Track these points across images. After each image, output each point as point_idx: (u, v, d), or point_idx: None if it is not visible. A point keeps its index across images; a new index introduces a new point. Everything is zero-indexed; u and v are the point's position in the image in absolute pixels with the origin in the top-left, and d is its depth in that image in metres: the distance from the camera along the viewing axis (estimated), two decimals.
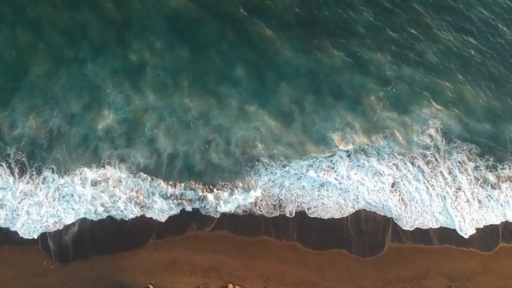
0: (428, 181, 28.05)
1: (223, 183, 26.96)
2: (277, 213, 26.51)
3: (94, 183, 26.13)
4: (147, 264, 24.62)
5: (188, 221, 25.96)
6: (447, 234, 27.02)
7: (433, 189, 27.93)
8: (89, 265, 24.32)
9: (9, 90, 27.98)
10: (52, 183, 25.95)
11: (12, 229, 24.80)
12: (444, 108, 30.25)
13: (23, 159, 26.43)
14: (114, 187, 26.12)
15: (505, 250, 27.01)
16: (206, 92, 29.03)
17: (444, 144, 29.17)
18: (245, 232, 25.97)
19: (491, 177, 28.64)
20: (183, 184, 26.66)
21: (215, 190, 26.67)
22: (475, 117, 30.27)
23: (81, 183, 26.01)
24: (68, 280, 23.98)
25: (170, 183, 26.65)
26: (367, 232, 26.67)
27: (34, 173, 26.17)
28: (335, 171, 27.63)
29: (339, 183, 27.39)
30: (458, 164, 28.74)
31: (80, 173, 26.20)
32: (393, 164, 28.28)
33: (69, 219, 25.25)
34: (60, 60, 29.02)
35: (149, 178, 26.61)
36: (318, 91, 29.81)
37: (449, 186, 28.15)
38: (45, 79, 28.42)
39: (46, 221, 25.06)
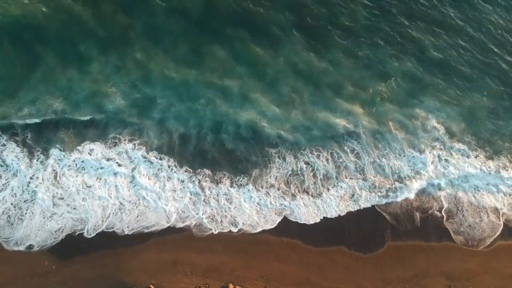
0: None
1: None
2: None
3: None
4: (148, 264, 24.61)
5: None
6: (446, 233, 27.23)
7: None
8: (90, 265, 24.24)
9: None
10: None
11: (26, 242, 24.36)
12: (446, 103, 31.15)
13: (30, 141, 26.16)
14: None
15: (503, 249, 27.22)
16: None
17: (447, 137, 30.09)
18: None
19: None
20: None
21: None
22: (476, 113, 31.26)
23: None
24: (69, 280, 23.88)
25: None
26: (367, 229, 26.83)
27: (43, 158, 25.90)
28: None
29: None
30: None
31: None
32: None
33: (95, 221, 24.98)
34: None
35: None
36: None
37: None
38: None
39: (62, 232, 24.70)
